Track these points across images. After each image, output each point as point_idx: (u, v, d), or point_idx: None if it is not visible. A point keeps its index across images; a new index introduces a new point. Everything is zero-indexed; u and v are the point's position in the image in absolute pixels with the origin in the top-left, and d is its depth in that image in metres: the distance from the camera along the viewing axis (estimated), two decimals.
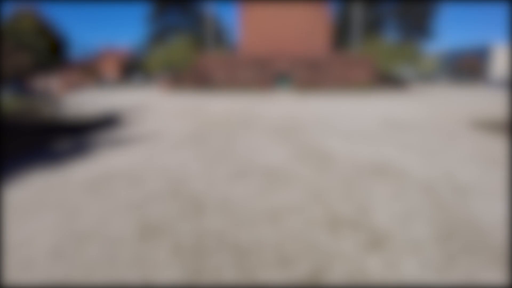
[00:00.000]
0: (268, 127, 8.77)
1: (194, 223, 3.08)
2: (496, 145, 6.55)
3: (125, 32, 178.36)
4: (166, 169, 4.97)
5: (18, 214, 3.33)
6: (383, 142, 6.84)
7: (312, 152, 5.95)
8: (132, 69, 72.88)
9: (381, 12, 56.53)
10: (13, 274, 2.34)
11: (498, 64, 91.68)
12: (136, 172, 4.84)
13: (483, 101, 21.30)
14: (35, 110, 16.16)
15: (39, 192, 3.99)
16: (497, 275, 2.31)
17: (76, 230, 2.97)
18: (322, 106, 14.44)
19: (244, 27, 28.34)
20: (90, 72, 69.44)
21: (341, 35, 56.90)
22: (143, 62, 26.59)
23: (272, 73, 25.16)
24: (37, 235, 2.89)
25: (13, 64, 41.80)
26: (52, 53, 60.47)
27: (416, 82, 42.49)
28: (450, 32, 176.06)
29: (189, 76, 26.19)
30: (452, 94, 29.24)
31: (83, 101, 23.52)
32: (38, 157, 5.86)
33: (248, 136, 7.59)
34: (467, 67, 52.68)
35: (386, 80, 26.02)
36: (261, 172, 4.72)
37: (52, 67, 62.74)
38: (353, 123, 9.54)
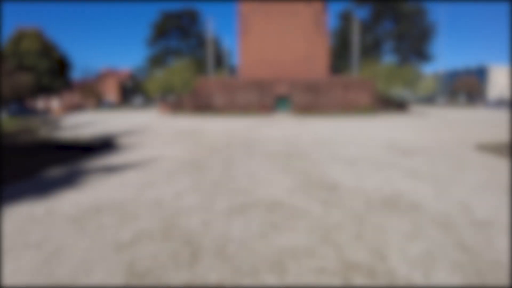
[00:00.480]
0: (269, 153, 8.47)
1: (187, 272, 2.70)
2: (507, 171, 6.23)
3: (126, 54, 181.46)
4: (159, 202, 4.61)
5: None
6: (391, 170, 6.51)
7: (317, 182, 5.61)
8: (133, 91, 73.45)
9: (379, 35, 57.70)
10: None
11: (495, 84, 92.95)
12: (127, 205, 4.48)
13: (484, 121, 21.24)
14: (31, 131, 15.90)
15: (22, 227, 3.63)
16: None
17: (54, 277, 2.59)
18: (323, 130, 14.20)
19: (243, 51, 28.64)
20: (90, 93, 69.88)
21: (340, 58, 57.79)
22: (144, 84, 26.57)
23: (271, 96, 25.15)
24: (10, 282, 2.50)
25: (13, 85, 42.02)
26: (54, 73, 61.02)
27: (415, 104, 42.70)
28: (448, 54, 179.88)
29: (189, 99, 26.16)
30: (453, 115, 29.20)
31: (82, 122, 23.37)
32: (27, 185, 5.51)
33: (248, 162, 7.27)
34: (465, 87, 53.25)
35: (386, 102, 26.02)
36: (263, 206, 4.35)
37: (53, 87, 63.17)
38: (357, 147, 9.25)
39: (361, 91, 25.46)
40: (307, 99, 24.85)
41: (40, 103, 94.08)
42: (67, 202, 4.62)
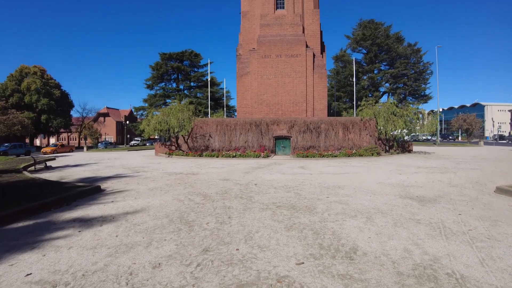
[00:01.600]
0: (269, 203, 7.44)
1: None
2: None
3: (128, 94, 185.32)
4: (131, 276, 3.55)
5: None
6: (415, 226, 5.49)
7: (330, 246, 4.56)
8: (132, 131, 73.29)
9: (375, 77, 58.88)
10: None
11: (491, 121, 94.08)
12: (90, 279, 3.42)
13: (491, 159, 20.58)
14: (14, 171, 14.88)
15: None
16: None
17: None
18: (327, 174, 13.25)
19: (241, 92, 28.51)
20: (89, 132, 69.58)
21: (337, 99, 58.44)
22: (141, 124, 26.00)
23: (270, 137, 24.49)
24: None
25: (7, 122, 41.53)
26: (53, 112, 60.99)
27: (415, 142, 42.19)
28: (442, 92, 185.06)
29: (186, 140, 25.46)
30: (456, 153, 28.59)
31: (73, 163, 22.45)
32: None
33: (245, 217, 6.23)
34: (465, 124, 53.49)
35: (388, 142, 25.40)
36: None
37: (52, 126, 62.87)
38: (367, 196, 8.25)
39: (362, 131, 24.92)
40: (307, 140, 24.15)
41: (37, 141, 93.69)
42: (14, 274, 3.56)
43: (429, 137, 66.07)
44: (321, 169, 14.92)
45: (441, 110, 55.24)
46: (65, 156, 34.98)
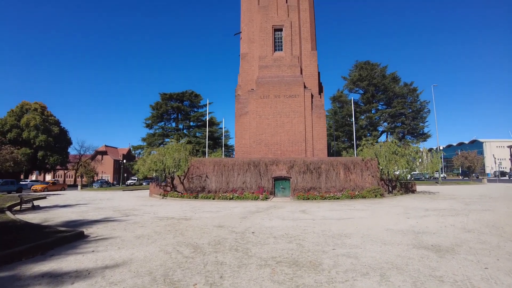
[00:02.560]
0: (268, 258, 6.55)
1: None
2: None
3: (126, 132, 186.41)
4: None
5: None
6: (439, 287, 4.63)
7: None
8: (128, 170, 72.37)
9: (373, 117, 59.33)
10: None
11: (490, 157, 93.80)
12: None
13: (498, 197, 19.72)
14: None
15: None
16: None
17: None
18: (330, 219, 12.34)
19: (240, 131, 28.20)
20: (84, 170, 68.57)
21: (336, 139, 58.36)
22: (138, 163, 25.31)
23: (269, 178, 23.67)
24: None
25: (1, 159, 40.77)
26: (50, 149, 60.36)
27: (414, 181, 41.20)
28: (443, 130, 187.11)
29: (181, 181, 24.61)
30: (461, 192, 27.72)
31: (63, 203, 21.42)
32: None
33: (241, 277, 5.34)
34: (466, 162, 53.09)
35: (390, 182, 24.62)
36: None
37: (48, 163, 61.91)
38: (377, 246, 7.37)
39: (363, 171, 24.21)
40: (307, 181, 23.31)
41: (33, 178, 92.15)
42: None
43: (429, 176, 65.50)
44: (324, 213, 14.00)
45: (441, 147, 55.13)
46: (56, 195, 33.88)
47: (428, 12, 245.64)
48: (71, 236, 8.66)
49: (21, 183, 47.39)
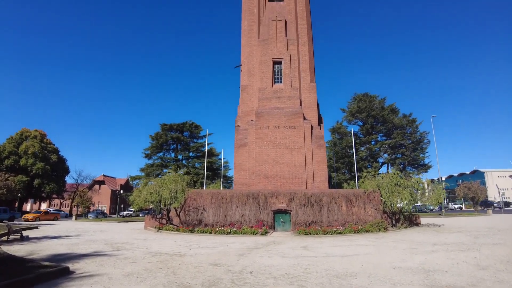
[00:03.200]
0: None
1: None
2: None
3: (125, 162, 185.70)
4: None
5: None
6: None
7: None
8: (125, 201, 71.03)
9: (373, 148, 59.16)
10: None
11: (492, 188, 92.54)
12: None
13: (508, 229, 19.02)
14: None
15: None
16: None
17: None
18: (334, 257, 11.61)
19: (239, 163, 27.78)
20: (80, 200, 67.19)
21: (336, 171, 57.81)
22: (134, 194, 24.66)
23: (269, 211, 22.89)
24: None
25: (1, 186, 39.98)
26: (47, 177, 59.46)
27: (416, 212, 40.09)
28: (444, 160, 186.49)
29: (177, 213, 23.81)
30: (467, 224, 26.80)
31: (53, 233, 20.58)
32: None
33: None
34: (470, 192, 52.14)
35: (393, 215, 23.85)
36: None
37: (44, 191, 60.76)
38: None
39: (366, 204, 23.51)
40: (308, 215, 22.50)
41: (28, 206, 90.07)
42: None
43: (432, 207, 64.46)
44: (327, 249, 13.24)
45: (443, 178, 54.58)
46: (48, 225, 32.85)
47: (425, 43, 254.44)
48: (54, 272, 8.05)
49: (14, 212, 46.26)
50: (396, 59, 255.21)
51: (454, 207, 77.38)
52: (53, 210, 61.27)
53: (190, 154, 65.90)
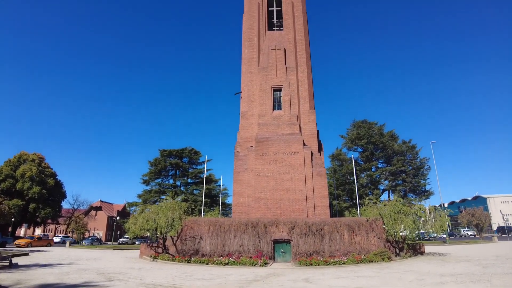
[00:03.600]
0: None
1: None
2: None
3: (123, 188, 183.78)
4: None
5: None
6: None
7: None
8: (121, 228, 69.50)
9: (374, 175, 58.65)
10: None
11: (495, 214, 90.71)
12: None
13: None
14: None
15: None
16: None
17: None
18: None
19: (237, 190, 27.29)
20: (76, 225, 65.57)
21: (336, 198, 57.01)
22: (129, 222, 24.01)
23: (269, 240, 22.14)
24: None
25: None
26: (43, 201, 58.26)
27: (424, 241, 38.98)
28: (445, 187, 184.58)
29: (174, 242, 23.06)
30: (474, 253, 25.90)
31: (43, 261, 19.71)
32: None
33: None
34: (474, 219, 50.96)
35: (397, 244, 23.10)
36: None
37: (39, 216, 59.30)
38: None
39: (369, 233, 22.83)
40: (309, 244, 21.75)
41: (22, 231, 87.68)
42: None
43: (435, 234, 63.15)
44: (330, 281, 12.60)
45: (445, 205, 53.73)
46: (40, 251, 31.78)
47: (423, 74, 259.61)
48: None
49: (7, 237, 45.00)
50: (393, 85, 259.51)
51: (467, 233, 73.70)
52: (63, 237, 60.48)
53: (189, 180, 65.21)
